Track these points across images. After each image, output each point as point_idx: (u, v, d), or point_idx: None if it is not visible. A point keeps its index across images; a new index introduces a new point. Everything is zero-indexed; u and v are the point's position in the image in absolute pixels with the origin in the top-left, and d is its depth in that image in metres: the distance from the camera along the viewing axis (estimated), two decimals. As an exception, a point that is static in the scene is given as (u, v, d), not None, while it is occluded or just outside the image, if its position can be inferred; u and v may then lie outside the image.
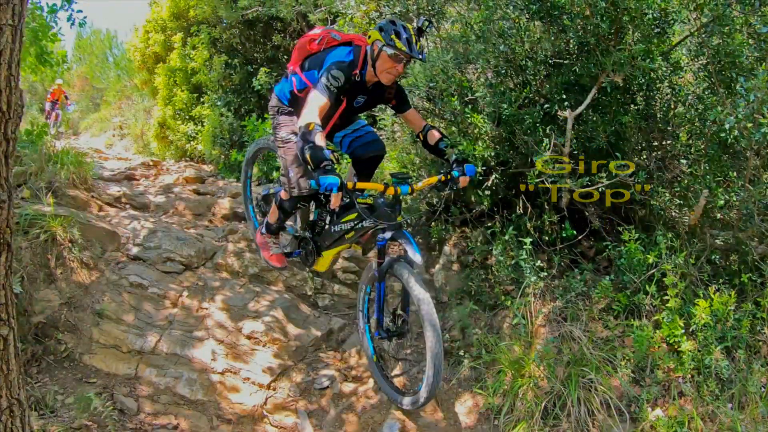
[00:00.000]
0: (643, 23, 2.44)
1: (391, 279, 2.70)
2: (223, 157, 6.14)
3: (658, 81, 2.70)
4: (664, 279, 2.49)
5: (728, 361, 2.32)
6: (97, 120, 13.76)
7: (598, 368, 2.38)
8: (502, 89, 2.83)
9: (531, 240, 2.74)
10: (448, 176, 2.70)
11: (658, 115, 2.77)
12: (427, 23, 2.59)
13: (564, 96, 2.70)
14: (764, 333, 2.39)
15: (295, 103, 2.80)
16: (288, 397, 2.82)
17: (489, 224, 3.13)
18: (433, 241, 3.61)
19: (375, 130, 3.22)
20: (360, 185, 2.54)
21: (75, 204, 3.75)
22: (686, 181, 2.67)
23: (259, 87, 5.55)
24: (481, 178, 2.92)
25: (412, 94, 3.18)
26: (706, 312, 2.34)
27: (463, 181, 2.72)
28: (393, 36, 2.43)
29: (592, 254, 3.08)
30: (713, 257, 2.67)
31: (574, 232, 2.94)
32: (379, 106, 3.51)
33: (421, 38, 2.53)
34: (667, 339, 2.41)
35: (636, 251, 2.60)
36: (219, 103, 6.35)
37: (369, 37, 2.56)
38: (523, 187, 2.97)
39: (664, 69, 2.67)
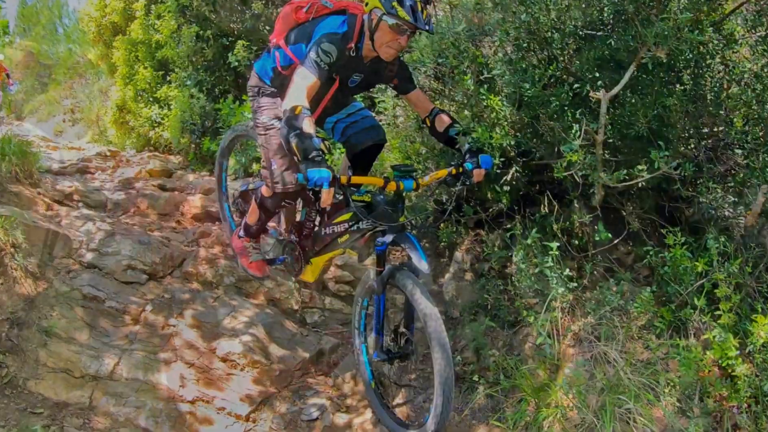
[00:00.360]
0: (690, -12, 2.43)
1: (392, 291, 2.70)
2: (193, 146, 6.14)
3: (708, 56, 2.70)
4: (716, 291, 2.49)
5: (791, 387, 2.32)
6: (45, 102, 13.78)
7: (638, 396, 2.38)
8: (523, 66, 2.83)
9: (558, 244, 2.74)
10: (460, 169, 2.70)
11: (709, 97, 2.77)
12: (435, -12, 2.59)
13: (597, 74, 2.70)
14: (834, 354, 2.38)
15: (278, 83, 2.80)
16: (270, 430, 2.82)
17: (508, 226, 3.13)
18: (442, 246, 3.61)
19: (373, 114, 3.22)
20: (356, 179, 2.54)
21: (18, 202, 3.75)
22: (741, 175, 2.67)
23: (236, 63, 5.56)
24: (498, 171, 2.92)
25: (417, 71, 3.18)
26: (765, 330, 2.34)
27: (478, 174, 2.72)
28: (394, 3, 2.43)
29: (631, 261, 3.09)
30: (774, 265, 2.67)
31: (610, 235, 2.94)
32: (378, 86, 3.52)
33: (428, 6, 2.53)
34: (719, 362, 2.41)
35: (682, 258, 2.60)
36: (189, 82, 6.36)
37: (366, 4, 2.56)
38: (549, 180, 2.98)
39: (716, 42, 2.67)
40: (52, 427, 2.62)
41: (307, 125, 2.36)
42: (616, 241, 2.95)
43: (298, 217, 3.10)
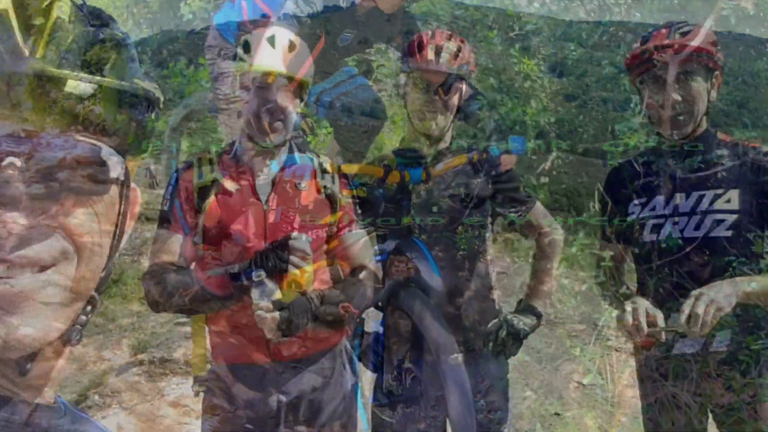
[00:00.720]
0: None
1: (395, 314, 2.70)
2: (134, 124, 6.13)
3: (808, 7, 2.71)
4: (819, 314, 2.50)
5: None
6: (-60, 68, 13.82)
7: (717, 452, 2.39)
8: (567, 20, 2.83)
9: (612, 253, 2.75)
10: (483, 155, 2.71)
11: (809, 60, 2.78)
12: None
13: (663, 30, 2.70)
14: None
15: (246, 42, 2.81)
16: (236, 496, 2.83)
17: (546, 229, 3.13)
18: (460, 256, 3.61)
19: (370, 83, 3.23)
20: (347, 168, 2.55)
21: None
22: None
23: (191, 16, 5.56)
24: (534, 156, 2.93)
25: (428, 26, 3.19)
26: None
27: (507, 161, 2.73)
28: (398, -63, 2.45)
29: (707, 275, 3.09)
30: None
31: (680, 241, 2.95)
32: (376, 46, 3.52)
33: (441, -59, 2.54)
34: (823, 406, 2.42)
35: (774, 270, 2.61)
36: (128, 41, 6.37)
37: (360, -62, 2.57)
38: (600, 169, 2.98)
39: (819, -12, 2.68)
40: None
41: (284, 98, 2.37)
42: (688, 249, 2.96)
43: (271, 218, 3.11)
